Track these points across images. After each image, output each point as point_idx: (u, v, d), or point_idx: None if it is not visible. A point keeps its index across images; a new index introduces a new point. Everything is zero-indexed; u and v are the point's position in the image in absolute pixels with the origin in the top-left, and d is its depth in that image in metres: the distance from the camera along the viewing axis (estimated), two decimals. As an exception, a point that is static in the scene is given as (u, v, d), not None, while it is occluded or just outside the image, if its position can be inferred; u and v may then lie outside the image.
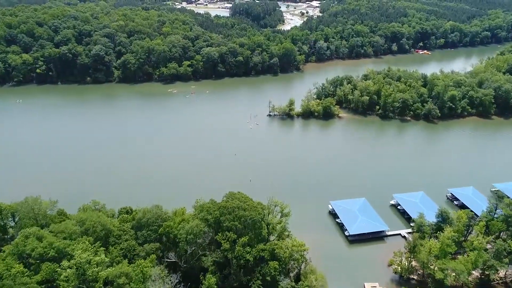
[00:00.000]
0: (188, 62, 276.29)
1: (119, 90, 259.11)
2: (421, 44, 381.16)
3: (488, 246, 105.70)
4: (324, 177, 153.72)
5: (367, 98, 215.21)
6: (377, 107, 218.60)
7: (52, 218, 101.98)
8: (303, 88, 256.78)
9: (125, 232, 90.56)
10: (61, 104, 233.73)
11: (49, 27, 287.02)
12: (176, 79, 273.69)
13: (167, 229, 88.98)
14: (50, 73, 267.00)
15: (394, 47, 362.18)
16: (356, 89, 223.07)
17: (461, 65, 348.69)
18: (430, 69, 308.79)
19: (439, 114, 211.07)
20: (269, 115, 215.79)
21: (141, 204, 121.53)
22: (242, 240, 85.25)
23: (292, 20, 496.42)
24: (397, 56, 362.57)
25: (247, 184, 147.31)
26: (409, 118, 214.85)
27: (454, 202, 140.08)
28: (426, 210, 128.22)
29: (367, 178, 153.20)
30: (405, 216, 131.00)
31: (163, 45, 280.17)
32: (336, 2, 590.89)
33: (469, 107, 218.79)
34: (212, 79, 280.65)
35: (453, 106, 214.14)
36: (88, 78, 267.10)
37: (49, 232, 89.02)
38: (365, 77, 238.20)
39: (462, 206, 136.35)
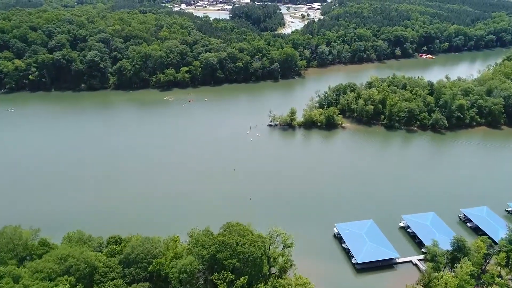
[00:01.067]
0: (186, 68, 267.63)
1: (114, 97, 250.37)
2: (425, 48, 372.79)
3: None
4: (328, 195, 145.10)
5: (372, 107, 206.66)
6: (382, 116, 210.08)
7: (33, 249, 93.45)
8: (304, 95, 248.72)
9: (111, 269, 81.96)
10: (54, 113, 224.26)
11: (43, 31, 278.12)
12: (174, 86, 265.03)
13: (158, 266, 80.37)
14: (43, 79, 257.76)
15: (398, 51, 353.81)
16: (360, 98, 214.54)
17: (467, 70, 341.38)
18: (435, 75, 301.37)
19: (447, 124, 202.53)
20: (270, 125, 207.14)
21: (132, 228, 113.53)
22: (241, 281, 76.64)
23: (292, 22, 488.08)
24: (401, 61, 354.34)
25: (246, 203, 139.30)
26: (415, 128, 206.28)
27: (467, 223, 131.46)
28: (438, 234, 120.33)
29: (373, 196, 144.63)
30: (416, 241, 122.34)
31: (160, 51, 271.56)
32: (337, 4, 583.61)
33: (478, 116, 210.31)
34: (210, 86, 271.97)
35: (462, 115, 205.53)
36: (83, 85, 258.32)
37: (28, 269, 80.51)
38: (369, 85, 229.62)
39: (476, 229, 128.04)
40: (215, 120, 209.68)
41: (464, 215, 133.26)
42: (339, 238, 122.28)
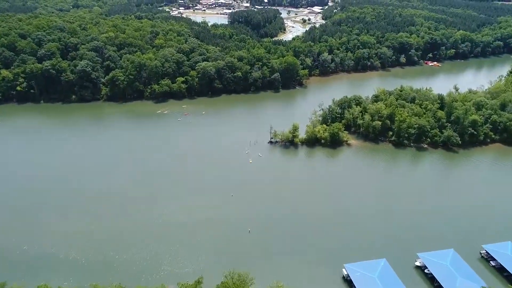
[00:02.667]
0: (182, 79, 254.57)
1: (106, 110, 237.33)
2: (430, 55, 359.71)
3: None
4: (335, 227, 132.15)
5: (379, 123, 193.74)
6: (390, 132, 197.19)
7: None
8: (306, 106, 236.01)
9: None
10: (41, 127, 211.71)
11: (33, 39, 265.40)
12: (169, 97, 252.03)
13: None
14: (32, 90, 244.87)
15: (403, 58, 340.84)
16: (367, 112, 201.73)
17: (475, 78, 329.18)
18: (442, 84, 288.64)
19: (460, 142, 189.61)
20: (271, 142, 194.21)
21: (111, 273, 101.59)
22: None
23: (293, 27, 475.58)
24: (406, 69, 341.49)
25: (245, 237, 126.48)
26: (425, 146, 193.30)
27: (491, 262, 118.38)
28: (460, 277, 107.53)
29: (385, 229, 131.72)
30: (435, 284, 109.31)
31: (155, 60, 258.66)
32: (339, 8, 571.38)
33: (492, 133, 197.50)
34: (208, 97, 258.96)
35: (475, 132, 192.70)
36: (73, 96, 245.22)
37: None
38: (376, 98, 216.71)
39: (501, 269, 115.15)
40: (212, 137, 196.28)
41: (486, 252, 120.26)
42: (348, 281, 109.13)
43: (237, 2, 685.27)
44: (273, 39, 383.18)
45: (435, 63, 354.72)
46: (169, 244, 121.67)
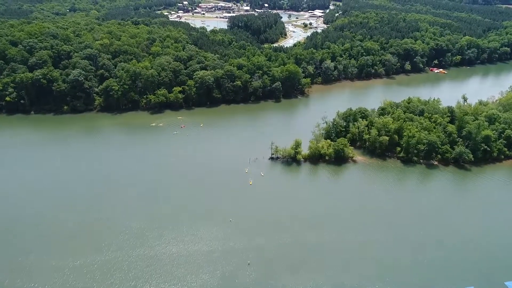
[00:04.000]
0: (179, 88, 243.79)
1: (99, 121, 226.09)
2: (436, 61, 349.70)
3: None
4: (342, 258, 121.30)
5: (387, 138, 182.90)
6: (398, 148, 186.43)
7: None
8: (309, 117, 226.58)
9: None
10: (30, 140, 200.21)
11: (24, 47, 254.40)
12: (166, 107, 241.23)
13: None
14: (22, 101, 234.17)
15: (407, 65, 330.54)
16: (373, 127, 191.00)
17: (483, 86, 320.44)
18: (450, 93, 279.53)
19: (472, 159, 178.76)
20: (272, 158, 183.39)
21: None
22: None
23: (294, 32, 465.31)
24: (411, 76, 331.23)
25: (244, 271, 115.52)
26: (436, 163, 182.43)
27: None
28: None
29: (391, 260, 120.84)
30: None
31: (151, 68, 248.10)
32: (340, 12, 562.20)
33: (506, 149, 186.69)
34: (206, 107, 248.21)
35: (488, 148, 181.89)
36: (65, 107, 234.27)
37: None
38: (382, 111, 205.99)
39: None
40: (210, 153, 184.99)
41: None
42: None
43: (236, 6, 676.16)
44: (274, 44, 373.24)
45: (440, 70, 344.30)
46: (161, 282, 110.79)
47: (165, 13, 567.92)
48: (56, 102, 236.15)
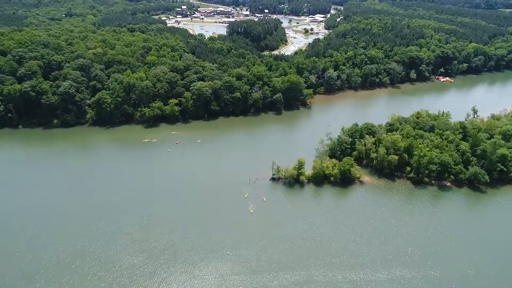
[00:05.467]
0: (176, 101, 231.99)
1: (89, 136, 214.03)
2: (442, 70, 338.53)
3: None
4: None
5: (396, 158, 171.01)
6: (408, 168, 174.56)
7: None
8: (312, 131, 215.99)
9: None
10: (16, 157, 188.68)
11: (13, 56, 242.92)
12: (161, 121, 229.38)
13: None
14: (10, 114, 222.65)
15: (413, 74, 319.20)
16: (381, 144, 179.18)
17: (490, 95, 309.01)
18: (458, 103, 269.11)
19: (488, 180, 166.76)
20: (273, 178, 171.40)
21: None
22: None
23: (295, 38, 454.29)
24: (416, 85, 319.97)
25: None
26: (448, 184, 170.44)
27: None
28: None
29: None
30: None
31: (146, 79, 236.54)
32: (342, 17, 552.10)
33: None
34: (203, 120, 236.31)
35: (505, 169, 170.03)
36: (55, 121, 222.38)
37: None
38: (390, 127, 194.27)
39: None
40: (207, 173, 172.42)
41: None
42: None
43: (236, 10, 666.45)
44: (274, 52, 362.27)
45: (447, 78, 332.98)
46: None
47: (163, 18, 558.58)
48: (46, 115, 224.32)
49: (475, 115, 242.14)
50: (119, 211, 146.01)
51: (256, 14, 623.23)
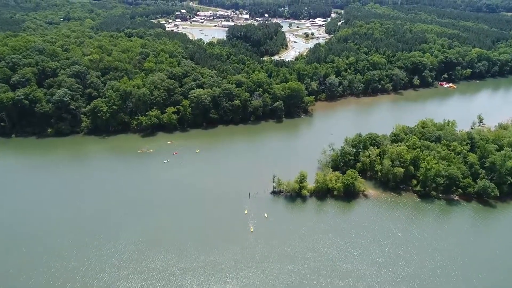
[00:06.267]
0: (173, 109, 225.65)
1: (83, 146, 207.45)
2: (445, 75, 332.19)
3: None
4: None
5: (402, 170, 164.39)
6: (414, 181, 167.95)
7: None
8: (313, 141, 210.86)
9: None
10: (8, 167, 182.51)
11: (7, 63, 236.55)
12: (159, 129, 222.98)
13: None
14: (2, 123, 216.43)
15: (416, 80, 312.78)
16: (386, 156, 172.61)
17: (494, 101, 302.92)
18: (462, 110, 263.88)
19: (498, 194, 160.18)
20: (274, 192, 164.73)
21: None
22: None
23: (296, 43, 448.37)
24: (419, 91, 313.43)
25: None
26: (456, 198, 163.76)
27: None
28: None
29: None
30: None
31: (143, 87, 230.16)
32: (343, 21, 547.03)
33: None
34: (202, 128, 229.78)
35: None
36: (50, 129, 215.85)
37: None
38: (395, 137, 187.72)
39: None
40: (204, 187, 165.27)
41: None
42: None
43: (236, 14, 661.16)
44: (275, 57, 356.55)
45: (450, 84, 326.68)
46: None
47: (162, 22, 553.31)
48: (40, 124, 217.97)
49: (481, 123, 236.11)
50: (114, 227, 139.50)
51: (256, 18, 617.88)
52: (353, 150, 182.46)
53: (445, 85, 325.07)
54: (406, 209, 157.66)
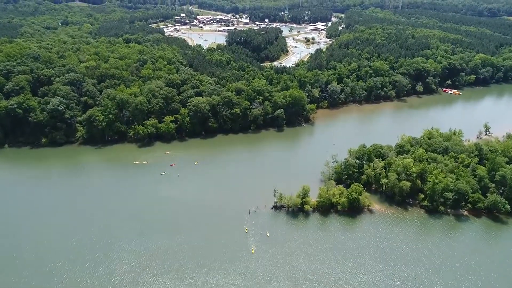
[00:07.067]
0: (171, 118, 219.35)
1: (79, 156, 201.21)
2: (449, 82, 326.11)
3: None
4: None
5: (408, 184, 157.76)
6: (421, 195, 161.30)
7: None
8: (316, 151, 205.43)
9: None
10: (0, 178, 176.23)
11: (1, 71, 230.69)
12: (156, 139, 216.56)
13: None
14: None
15: (419, 87, 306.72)
16: (391, 169, 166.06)
17: (499, 108, 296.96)
18: (468, 118, 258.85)
19: (509, 209, 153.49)
20: (275, 207, 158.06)
21: None
22: None
23: (296, 48, 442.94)
24: (423, 98, 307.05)
25: None
26: (466, 213, 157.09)
27: None
28: None
29: None
30: None
31: (140, 95, 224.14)
32: (343, 25, 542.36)
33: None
34: (201, 138, 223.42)
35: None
36: (44, 139, 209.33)
37: None
38: (400, 149, 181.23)
39: None
40: (202, 201, 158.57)
41: None
42: None
43: (236, 18, 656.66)
44: (275, 63, 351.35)
45: (454, 91, 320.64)
46: None
47: (162, 26, 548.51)
48: (34, 133, 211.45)
49: (488, 133, 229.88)
50: (107, 246, 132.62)
51: (256, 22, 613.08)
52: (357, 161, 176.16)
53: (449, 92, 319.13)
54: (414, 225, 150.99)
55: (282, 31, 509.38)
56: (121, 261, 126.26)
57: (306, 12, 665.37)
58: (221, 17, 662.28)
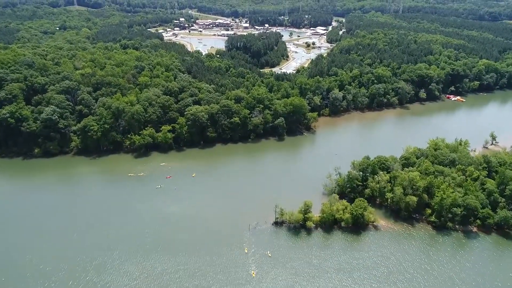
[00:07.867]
0: (169, 127, 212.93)
1: (72, 168, 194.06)
2: (452, 88, 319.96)
3: None
4: None
5: (415, 199, 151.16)
6: (428, 210, 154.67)
7: None
8: (317, 161, 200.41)
9: None
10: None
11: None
12: (153, 149, 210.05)
13: None
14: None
15: (422, 93, 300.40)
16: (396, 182, 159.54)
17: (504, 115, 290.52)
18: (473, 127, 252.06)
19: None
20: (276, 223, 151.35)
21: None
22: None
23: (297, 53, 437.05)
24: (426, 105, 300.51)
25: None
26: (475, 230, 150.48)
27: None
28: None
29: None
30: None
31: (137, 103, 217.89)
32: (344, 30, 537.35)
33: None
34: (199, 148, 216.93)
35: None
36: (37, 150, 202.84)
37: None
38: (406, 161, 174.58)
39: None
40: (199, 218, 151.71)
41: None
42: None
43: (235, 22, 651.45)
44: (275, 69, 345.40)
45: (458, 97, 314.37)
46: None
47: (161, 31, 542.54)
48: (26, 143, 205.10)
49: (494, 142, 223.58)
50: (98, 268, 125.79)
51: (256, 27, 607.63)
52: (361, 174, 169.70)
53: (453, 98, 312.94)
54: (421, 242, 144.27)
55: (282, 36, 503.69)
56: (115, 285, 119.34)
57: (306, 16, 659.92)
58: (221, 21, 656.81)
